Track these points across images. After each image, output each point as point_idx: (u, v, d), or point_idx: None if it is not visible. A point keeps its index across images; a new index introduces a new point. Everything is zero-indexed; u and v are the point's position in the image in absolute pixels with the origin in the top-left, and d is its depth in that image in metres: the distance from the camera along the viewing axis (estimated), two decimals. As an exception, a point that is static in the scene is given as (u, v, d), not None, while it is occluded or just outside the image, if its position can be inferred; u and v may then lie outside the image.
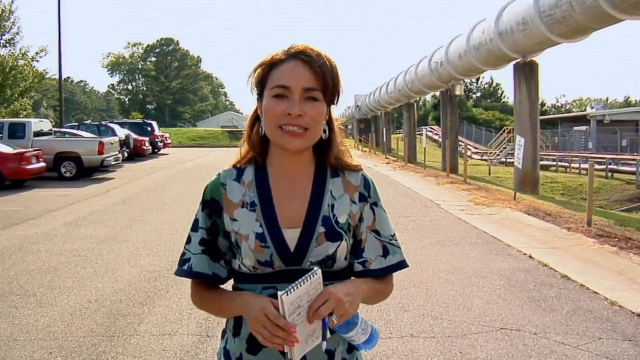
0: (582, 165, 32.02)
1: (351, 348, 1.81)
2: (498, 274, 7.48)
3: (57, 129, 26.37)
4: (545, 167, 32.07)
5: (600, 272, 7.63)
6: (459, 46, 22.88)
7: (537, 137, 18.16)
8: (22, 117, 29.04)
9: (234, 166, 1.86)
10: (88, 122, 38.42)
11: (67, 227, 10.93)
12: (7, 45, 33.67)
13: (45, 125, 24.22)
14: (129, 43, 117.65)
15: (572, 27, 14.84)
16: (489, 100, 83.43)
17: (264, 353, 1.74)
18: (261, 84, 1.74)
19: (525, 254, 8.58)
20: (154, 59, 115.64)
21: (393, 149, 37.48)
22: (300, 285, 1.53)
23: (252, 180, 1.81)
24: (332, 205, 1.79)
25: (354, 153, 26.61)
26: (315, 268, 1.59)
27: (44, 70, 37.05)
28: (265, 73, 1.72)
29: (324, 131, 1.76)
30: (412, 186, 18.66)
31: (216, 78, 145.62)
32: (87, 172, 22.13)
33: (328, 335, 1.61)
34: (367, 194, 1.86)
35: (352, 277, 1.83)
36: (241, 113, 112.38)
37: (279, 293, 1.50)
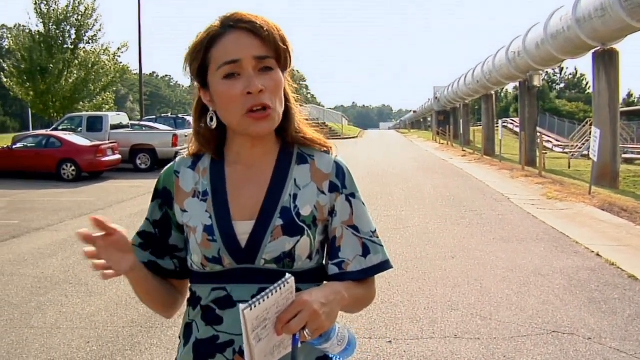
0: (671, 159, 30.50)
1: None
2: (560, 273, 7.07)
3: (135, 122, 27.02)
4: (629, 161, 30.65)
5: (673, 273, 7.10)
6: (536, 35, 22.09)
7: (617, 129, 17.29)
8: (105, 111, 29.82)
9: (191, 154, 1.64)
10: (166, 115, 39.14)
11: (132, 217, 11.10)
12: (90, 41, 34.66)
13: (123, 118, 24.84)
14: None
15: (655, 12, 14.03)
16: (572, 91, 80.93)
17: None
18: (202, 69, 1.49)
19: (593, 252, 8.10)
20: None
21: (471, 141, 36.66)
22: (268, 297, 1.26)
23: (207, 168, 1.59)
24: (295, 195, 1.54)
25: (431, 145, 26.59)
26: (288, 276, 1.30)
27: (126, 65, 37.96)
28: (204, 55, 1.47)
29: None
30: (485, 179, 18.11)
31: (297, 71, 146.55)
32: (161, 163, 22.47)
33: (299, 352, 1.34)
34: (340, 184, 1.59)
35: (329, 281, 1.56)
36: (323, 106, 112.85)
37: (241, 307, 1.21)
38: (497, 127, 29.93)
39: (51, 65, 31.81)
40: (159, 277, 1.62)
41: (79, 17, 33.52)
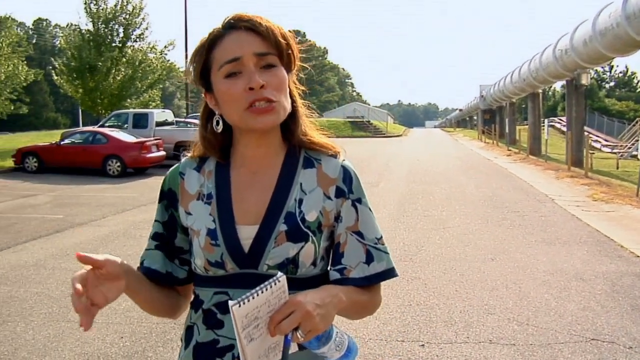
0: None
1: None
2: (602, 278, 6.89)
3: (180, 119, 27.30)
4: (682, 162, 29.84)
5: None
6: (584, 32, 21.57)
7: (668, 129, 16.78)
8: (151, 108, 30.20)
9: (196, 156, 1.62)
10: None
11: (173, 214, 11.20)
12: (138, 40, 35.06)
13: (168, 115, 25.19)
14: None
15: None
16: (623, 90, 79.17)
17: None
18: (205, 72, 1.48)
19: (639, 257, 7.88)
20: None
21: (517, 140, 36.09)
22: (258, 295, 1.23)
23: (213, 170, 1.57)
24: (300, 200, 1.50)
25: (476, 144, 26.28)
26: (279, 274, 1.28)
27: (172, 63, 38.38)
28: (206, 57, 1.46)
29: None
30: (529, 179, 17.81)
31: (343, 69, 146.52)
32: (205, 160, 22.74)
33: (292, 352, 1.32)
34: (346, 189, 1.54)
35: (326, 285, 1.50)
36: (368, 104, 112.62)
37: (230, 303, 1.21)
38: (544, 126, 29.36)
39: (99, 63, 32.29)
40: (161, 285, 1.61)
41: (127, 16, 33.94)
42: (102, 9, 33.30)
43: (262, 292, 1.24)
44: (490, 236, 9.39)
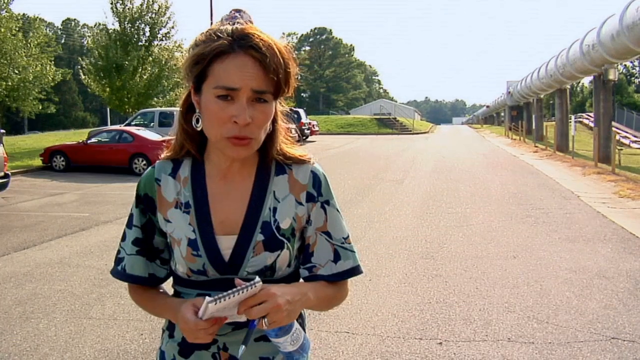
0: None
1: None
2: (626, 276, 6.81)
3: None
4: None
5: None
6: (611, 27, 21.30)
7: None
8: (177, 107, 30.34)
9: (170, 158, 1.65)
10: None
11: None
12: (164, 39, 35.29)
13: (194, 113, 25.24)
14: (284, 33, 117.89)
15: None
16: (653, 85, 77.91)
17: (195, 356, 1.62)
18: (200, 76, 1.47)
19: (664, 254, 7.78)
20: (308, 48, 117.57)
21: (545, 137, 35.74)
22: (234, 296, 1.34)
23: (188, 177, 1.61)
24: (274, 209, 1.58)
25: (503, 141, 26.16)
26: (257, 279, 1.36)
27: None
28: (206, 65, 1.45)
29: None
30: (555, 176, 17.63)
31: (370, 66, 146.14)
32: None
33: (251, 340, 1.44)
34: (315, 193, 1.63)
35: (299, 282, 1.63)
36: (395, 101, 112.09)
37: (207, 299, 1.32)
38: (571, 122, 29.06)
39: (126, 62, 32.55)
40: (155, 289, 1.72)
41: (153, 15, 34.18)
42: (129, 9, 33.57)
43: (238, 294, 1.34)
44: (513, 233, 9.32)
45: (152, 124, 23.37)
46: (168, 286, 1.73)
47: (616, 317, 5.47)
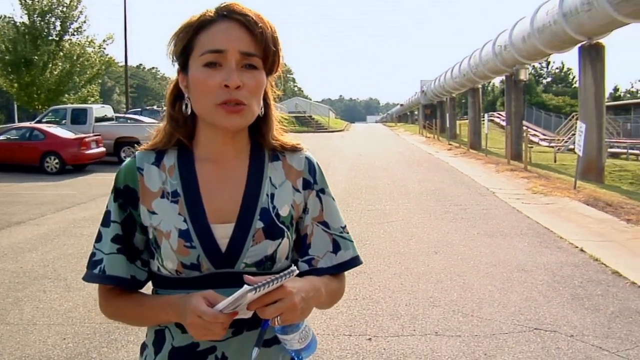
0: (656, 153, 30.60)
1: None
2: (543, 268, 7.02)
3: (120, 115, 26.80)
4: (615, 155, 30.75)
5: (656, 269, 7.06)
6: (523, 29, 22.01)
7: (602, 123, 17.23)
8: (90, 104, 29.53)
9: (153, 148, 1.51)
10: (151, 107, 38.93)
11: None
12: (75, 33, 34.29)
13: (107, 111, 24.62)
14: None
15: (641, 6, 13.95)
16: (559, 85, 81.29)
17: None
18: (185, 52, 1.40)
19: (577, 247, 8.06)
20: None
21: (458, 135, 36.65)
22: (272, 285, 1.23)
23: (174, 165, 1.47)
24: (272, 195, 1.48)
25: (418, 139, 26.61)
26: (293, 267, 1.27)
27: (111, 58, 37.61)
28: (191, 37, 1.39)
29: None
30: (470, 173, 18.07)
31: (284, 64, 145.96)
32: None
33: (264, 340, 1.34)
34: (312, 180, 1.55)
35: (311, 276, 1.48)
36: (310, 99, 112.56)
37: (247, 288, 1.19)
38: (484, 120, 29.88)
39: (36, 57, 31.45)
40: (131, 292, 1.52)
41: (64, 9, 33.17)
42: (38, 2, 32.46)
43: (276, 283, 1.24)
44: (433, 229, 9.48)
45: (64, 121, 22.54)
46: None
47: (537, 308, 5.61)
